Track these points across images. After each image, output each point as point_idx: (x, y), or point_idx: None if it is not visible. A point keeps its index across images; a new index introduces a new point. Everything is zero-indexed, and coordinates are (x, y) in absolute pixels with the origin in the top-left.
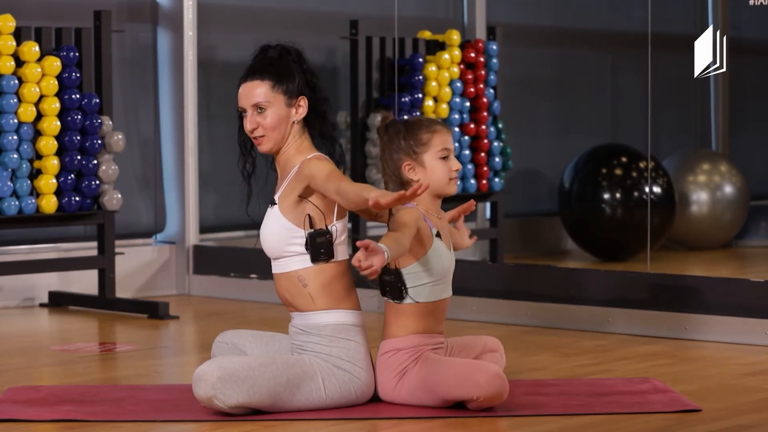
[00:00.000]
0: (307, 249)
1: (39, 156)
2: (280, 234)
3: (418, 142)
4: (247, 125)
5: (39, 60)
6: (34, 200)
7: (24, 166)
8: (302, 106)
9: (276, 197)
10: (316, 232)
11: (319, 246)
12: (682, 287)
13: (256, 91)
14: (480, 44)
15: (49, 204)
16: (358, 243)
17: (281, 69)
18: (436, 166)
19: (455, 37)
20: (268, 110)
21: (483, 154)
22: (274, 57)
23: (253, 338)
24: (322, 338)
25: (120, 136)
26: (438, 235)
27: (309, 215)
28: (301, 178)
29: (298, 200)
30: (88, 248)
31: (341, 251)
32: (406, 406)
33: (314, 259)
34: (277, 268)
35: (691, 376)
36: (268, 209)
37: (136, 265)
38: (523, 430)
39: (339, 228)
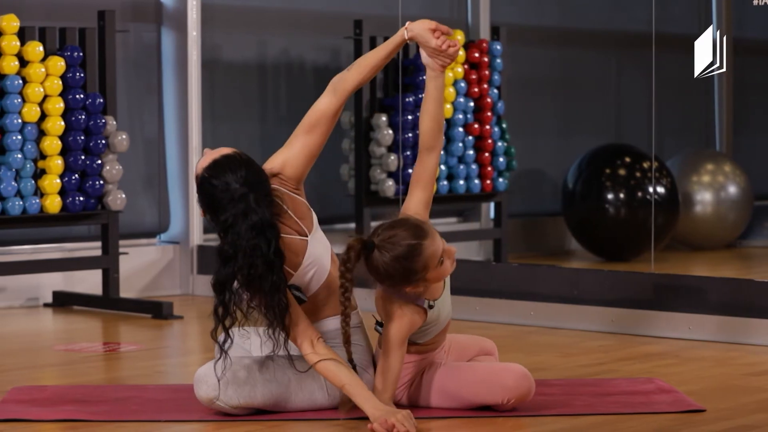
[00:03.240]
0: None
1: (43, 156)
2: None
3: (416, 275)
4: None
5: (43, 60)
6: (38, 200)
7: (28, 166)
8: None
9: None
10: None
11: (297, 299)
12: (685, 287)
13: None
14: (484, 44)
15: (53, 204)
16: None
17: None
18: (436, 275)
19: (459, 37)
20: None
21: (487, 155)
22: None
23: (256, 335)
24: None
25: (124, 136)
26: (431, 306)
27: None
28: None
29: None
30: (92, 248)
31: (317, 280)
32: (411, 406)
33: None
34: None
35: (695, 377)
36: None
37: (140, 265)
38: (527, 431)
39: (304, 273)
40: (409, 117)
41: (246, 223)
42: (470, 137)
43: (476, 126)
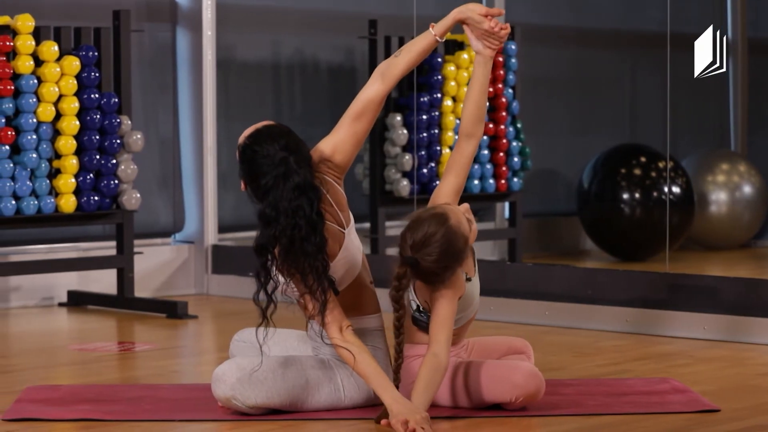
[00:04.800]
0: None
1: (58, 155)
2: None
3: (464, 251)
4: None
5: (58, 59)
6: (53, 200)
7: (43, 165)
8: None
9: None
10: None
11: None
12: (700, 287)
13: None
14: None
15: (68, 203)
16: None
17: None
18: (473, 236)
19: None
20: None
21: (502, 154)
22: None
23: (271, 335)
24: None
25: (139, 136)
26: (468, 279)
27: None
28: None
29: None
30: (107, 248)
31: (346, 278)
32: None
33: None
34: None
35: (710, 377)
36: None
37: (155, 264)
38: (541, 430)
39: (338, 266)
40: (424, 117)
41: (288, 185)
42: (485, 137)
43: (491, 126)
